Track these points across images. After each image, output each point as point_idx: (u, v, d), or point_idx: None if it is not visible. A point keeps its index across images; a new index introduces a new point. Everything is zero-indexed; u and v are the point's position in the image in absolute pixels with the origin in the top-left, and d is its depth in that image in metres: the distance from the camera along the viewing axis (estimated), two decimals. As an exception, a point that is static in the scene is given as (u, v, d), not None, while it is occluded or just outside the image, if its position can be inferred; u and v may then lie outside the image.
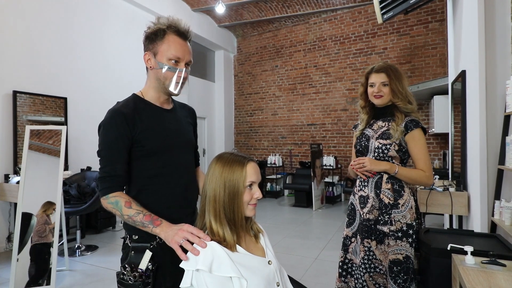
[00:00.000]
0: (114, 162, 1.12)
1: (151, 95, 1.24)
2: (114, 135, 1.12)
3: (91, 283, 2.94)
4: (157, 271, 1.13)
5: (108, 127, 1.13)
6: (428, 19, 6.25)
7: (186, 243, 0.97)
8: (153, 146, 1.17)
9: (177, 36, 1.18)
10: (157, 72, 1.19)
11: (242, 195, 1.01)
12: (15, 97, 3.83)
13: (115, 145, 1.12)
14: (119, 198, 1.10)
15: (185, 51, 1.19)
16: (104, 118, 1.15)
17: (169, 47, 1.16)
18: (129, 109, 1.16)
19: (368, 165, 1.62)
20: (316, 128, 7.53)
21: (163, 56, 1.17)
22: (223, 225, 1.00)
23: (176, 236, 0.99)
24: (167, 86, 1.20)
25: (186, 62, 1.20)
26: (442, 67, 6.05)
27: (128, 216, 1.08)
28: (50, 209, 2.91)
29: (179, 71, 1.18)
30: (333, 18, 7.25)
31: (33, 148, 3.00)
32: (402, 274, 1.54)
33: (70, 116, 4.49)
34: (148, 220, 1.06)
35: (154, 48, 1.18)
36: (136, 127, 1.14)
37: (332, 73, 7.29)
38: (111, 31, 5.15)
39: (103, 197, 1.12)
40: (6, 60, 3.79)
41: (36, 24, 4.11)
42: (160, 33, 1.17)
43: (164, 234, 1.03)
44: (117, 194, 1.11)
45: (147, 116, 1.19)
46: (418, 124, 1.64)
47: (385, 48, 6.70)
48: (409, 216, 1.59)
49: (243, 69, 8.57)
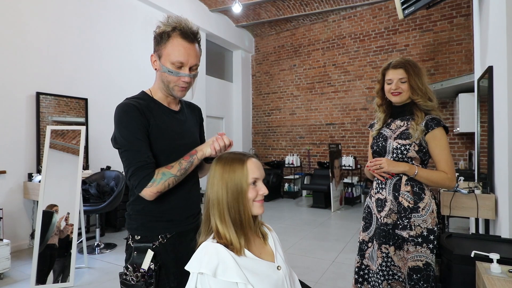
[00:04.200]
0: (145, 153, 1.09)
1: (159, 95, 1.24)
2: (136, 126, 1.10)
3: (109, 280, 2.98)
4: (160, 271, 1.12)
5: (126, 119, 1.11)
6: (452, 14, 6.00)
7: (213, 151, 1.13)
8: (160, 147, 1.15)
9: (182, 39, 1.14)
10: (162, 74, 1.18)
11: (246, 193, 0.97)
12: (38, 98, 3.96)
13: (140, 135, 1.10)
14: (161, 170, 1.10)
15: (189, 55, 1.15)
16: (117, 113, 1.12)
17: (173, 51, 1.13)
18: (141, 104, 1.15)
19: (386, 166, 1.54)
20: (335, 127, 7.40)
21: (166, 60, 1.14)
22: (229, 227, 0.96)
23: (211, 148, 1.13)
24: (171, 90, 1.19)
25: (190, 66, 1.17)
26: (467, 64, 5.80)
27: (179, 171, 1.11)
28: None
29: (182, 76, 1.16)
30: (352, 16, 7.09)
31: (57, 147, 3.11)
32: (422, 282, 1.45)
33: (91, 117, 4.60)
34: (188, 158, 1.14)
35: (159, 50, 1.16)
36: (149, 121, 1.14)
37: (352, 71, 7.14)
38: (130, 32, 5.25)
39: (148, 184, 1.07)
40: (29, 62, 3.92)
41: (58, 27, 4.24)
42: (165, 35, 1.15)
43: (204, 152, 1.14)
44: (157, 171, 1.10)
45: (156, 116, 1.17)
46: (440, 123, 1.54)
47: (407, 45, 6.49)
48: (430, 220, 1.50)
49: (261, 68, 8.54)
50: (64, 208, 2.99)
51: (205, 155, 1.14)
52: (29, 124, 3.93)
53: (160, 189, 1.08)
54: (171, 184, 1.10)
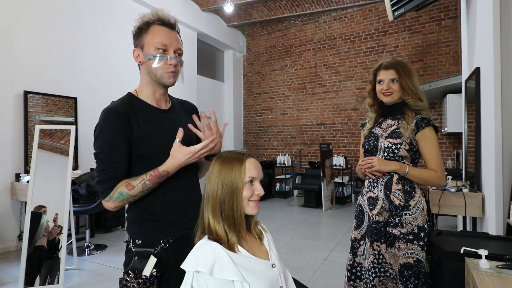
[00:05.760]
0: (114, 164, 1.07)
1: (147, 93, 1.19)
2: (113, 136, 1.07)
3: (99, 282, 2.95)
4: (162, 276, 1.09)
5: (105, 127, 1.08)
6: (440, 16, 6.11)
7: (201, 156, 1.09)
8: (149, 149, 1.12)
9: (161, 26, 1.15)
10: (147, 65, 1.14)
11: (241, 191, 0.97)
12: (26, 97, 3.89)
13: (114, 147, 1.07)
14: (119, 189, 1.06)
15: (171, 38, 1.15)
16: (100, 118, 1.10)
17: (154, 36, 1.13)
18: (125, 108, 1.11)
19: (377, 165, 1.56)
20: (325, 127, 7.45)
21: (149, 46, 1.13)
22: (220, 223, 0.97)
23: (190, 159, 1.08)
24: (160, 78, 1.15)
25: (175, 50, 1.15)
26: (455, 65, 5.91)
27: (140, 192, 1.06)
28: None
29: (169, 59, 1.13)
30: (343, 17, 7.16)
31: (45, 147, 3.04)
32: (413, 279, 1.48)
33: (80, 116, 4.54)
34: (157, 174, 1.07)
35: (140, 42, 1.15)
36: (132, 128, 1.09)
37: (342, 72, 7.20)
38: (121, 31, 5.18)
39: (106, 199, 1.06)
40: (17, 61, 3.84)
41: (47, 26, 4.16)
42: (144, 26, 1.15)
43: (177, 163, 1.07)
44: (116, 187, 1.06)
45: (143, 118, 1.13)
46: (430, 122, 1.58)
47: (396, 46, 6.58)
48: (421, 218, 1.54)
49: (252, 68, 8.55)
50: (52, 209, 2.92)
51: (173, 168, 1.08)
52: (17, 123, 3.86)
53: (118, 205, 1.07)
54: (131, 201, 1.08)
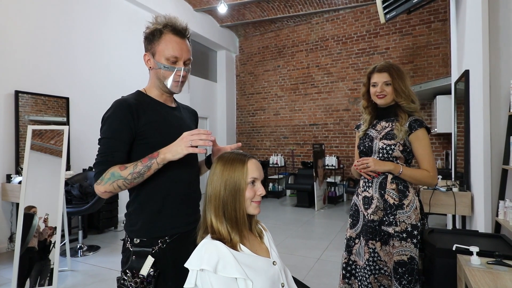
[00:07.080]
0: (113, 150, 1.09)
1: (154, 93, 1.25)
2: (118, 125, 1.11)
3: (93, 283, 2.93)
4: (159, 276, 1.11)
5: (113, 116, 1.12)
6: (430, 19, 6.22)
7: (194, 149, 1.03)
8: (157, 140, 1.14)
9: (174, 35, 1.17)
10: (157, 72, 1.19)
11: (244, 192, 1.00)
12: (17, 97, 3.84)
13: (117, 135, 1.10)
14: (111, 170, 1.06)
15: (182, 50, 1.18)
16: (109, 108, 1.14)
17: (166, 46, 1.16)
18: (134, 101, 1.16)
19: (372, 165, 1.60)
20: (318, 128, 7.52)
21: (161, 56, 1.17)
22: (223, 223, 0.99)
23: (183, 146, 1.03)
24: (167, 85, 1.20)
25: (184, 61, 1.19)
26: (445, 67, 6.03)
27: (130, 174, 1.05)
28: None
29: (178, 70, 1.18)
30: (335, 18, 7.23)
31: (35, 148, 2.99)
32: (407, 275, 1.52)
33: (72, 116, 4.49)
34: (147, 161, 1.06)
35: (152, 49, 1.18)
36: (140, 119, 1.13)
37: (334, 73, 7.28)
38: (112, 31, 5.16)
39: (98, 181, 1.06)
40: (8, 60, 3.79)
41: (38, 25, 4.11)
42: (157, 33, 1.17)
43: (170, 154, 1.05)
44: (108, 170, 1.06)
45: (152, 110, 1.18)
46: (422, 124, 1.63)
47: (387, 48, 6.68)
48: (414, 216, 1.58)
49: (245, 69, 8.56)
50: (42, 209, 2.89)
51: (165, 160, 1.06)
52: (8, 123, 3.80)
53: (108, 189, 1.06)
54: (122, 187, 1.06)
